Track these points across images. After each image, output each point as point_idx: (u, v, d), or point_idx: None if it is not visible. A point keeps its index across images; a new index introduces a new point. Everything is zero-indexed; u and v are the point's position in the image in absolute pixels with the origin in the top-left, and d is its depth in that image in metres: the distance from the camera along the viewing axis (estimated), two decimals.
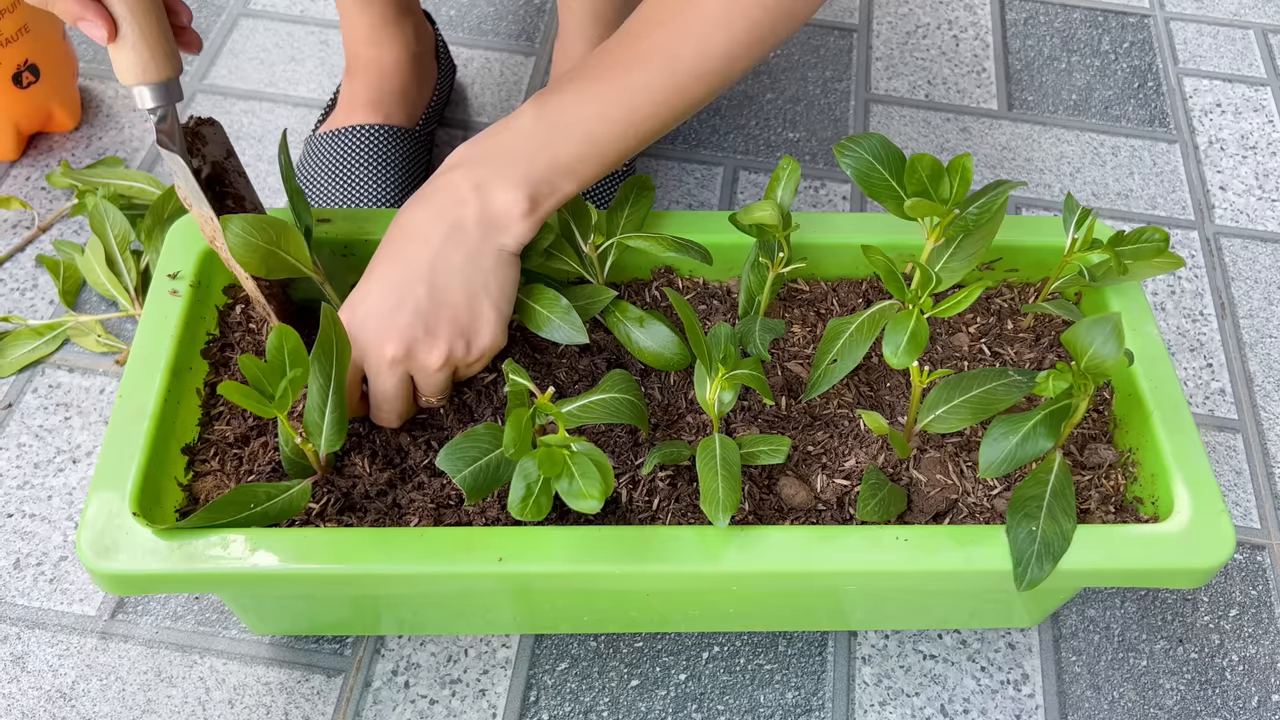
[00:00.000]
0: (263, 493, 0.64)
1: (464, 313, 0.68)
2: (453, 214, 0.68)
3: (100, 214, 0.94)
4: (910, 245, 0.80)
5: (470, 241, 0.68)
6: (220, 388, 0.60)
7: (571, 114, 0.69)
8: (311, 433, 0.66)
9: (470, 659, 0.77)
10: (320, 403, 0.66)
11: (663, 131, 0.71)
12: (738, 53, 0.69)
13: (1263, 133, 1.18)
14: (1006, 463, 0.65)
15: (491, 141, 0.70)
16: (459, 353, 0.68)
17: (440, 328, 0.67)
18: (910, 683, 0.78)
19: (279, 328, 0.61)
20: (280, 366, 0.61)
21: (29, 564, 0.80)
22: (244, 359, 0.60)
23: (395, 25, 1.00)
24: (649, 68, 0.69)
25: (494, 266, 0.68)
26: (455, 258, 0.67)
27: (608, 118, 0.69)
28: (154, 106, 0.65)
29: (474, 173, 0.68)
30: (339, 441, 0.66)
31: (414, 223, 0.68)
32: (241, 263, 0.68)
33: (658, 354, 0.74)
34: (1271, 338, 1.01)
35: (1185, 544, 0.66)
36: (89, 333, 0.91)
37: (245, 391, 0.60)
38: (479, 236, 0.68)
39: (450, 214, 0.68)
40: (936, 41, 1.26)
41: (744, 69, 0.71)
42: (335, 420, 0.66)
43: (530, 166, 0.68)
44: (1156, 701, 0.79)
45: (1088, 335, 0.64)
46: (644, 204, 0.78)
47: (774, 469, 0.72)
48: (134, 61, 0.64)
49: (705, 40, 0.68)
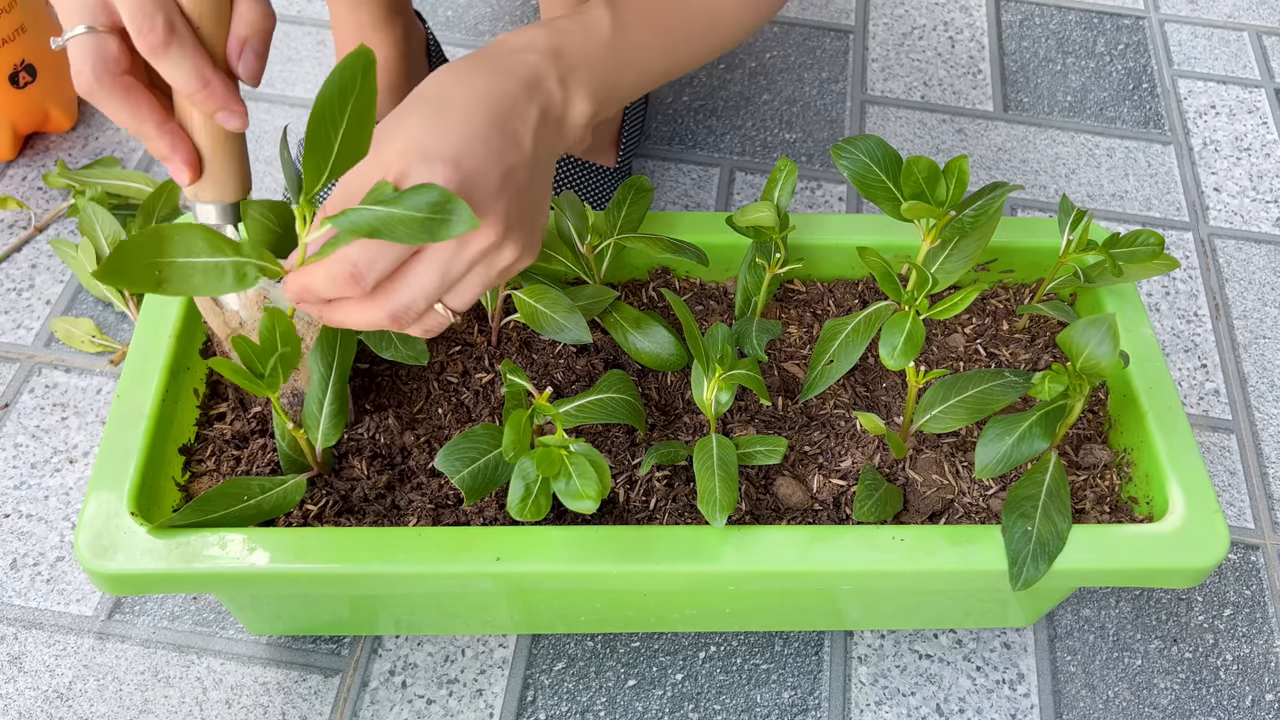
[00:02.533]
0: (256, 486, 0.64)
1: (540, 211, 0.61)
2: (542, 100, 0.60)
3: (89, 216, 0.94)
4: (906, 246, 0.80)
5: (551, 136, 0.61)
6: (211, 362, 0.58)
7: (640, 39, 0.67)
8: (309, 425, 0.66)
9: (467, 659, 0.77)
10: (320, 394, 0.66)
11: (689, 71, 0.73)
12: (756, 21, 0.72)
13: (1257, 134, 1.19)
14: (1002, 463, 0.65)
15: (573, 38, 0.63)
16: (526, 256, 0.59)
17: (524, 221, 0.58)
18: (906, 682, 0.79)
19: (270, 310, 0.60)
20: (273, 348, 0.60)
21: (26, 564, 0.80)
22: (236, 339, 0.59)
23: (385, 25, 1.00)
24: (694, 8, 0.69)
25: (553, 168, 0.63)
26: (546, 150, 0.61)
27: (663, 50, 0.68)
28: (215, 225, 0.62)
29: (560, 65, 0.62)
30: (336, 435, 0.65)
31: (505, 89, 0.58)
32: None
33: (654, 355, 0.75)
34: (1265, 338, 1.01)
35: (1180, 544, 0.66)
36: (82, 334, 0.91)
37: (235, 368, 0.59)
38: (555, 134, 0.62)
39: (539, 99, 0.60)
40: (932, 43, 1.26)
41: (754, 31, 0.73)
42: (334, 412, 0.66)
43: (603, 81, 0.64)
44: (1151, 701, 0.79)
45: (1083, 336, 0.64)
46: (641, 205, 0.78)
47: (771, 469, 0.72)
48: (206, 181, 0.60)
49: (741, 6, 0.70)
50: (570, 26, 0.64)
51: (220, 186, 0.61)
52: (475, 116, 0.56)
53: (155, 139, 0.58)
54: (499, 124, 0.57)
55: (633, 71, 0.66)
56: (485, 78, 0.59)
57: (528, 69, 0.60)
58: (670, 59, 0.69)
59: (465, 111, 0.56)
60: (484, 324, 0.78)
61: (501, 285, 0.63)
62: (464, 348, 0.77)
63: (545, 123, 0.60)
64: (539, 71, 0.60)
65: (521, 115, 0.58)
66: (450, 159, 0.54)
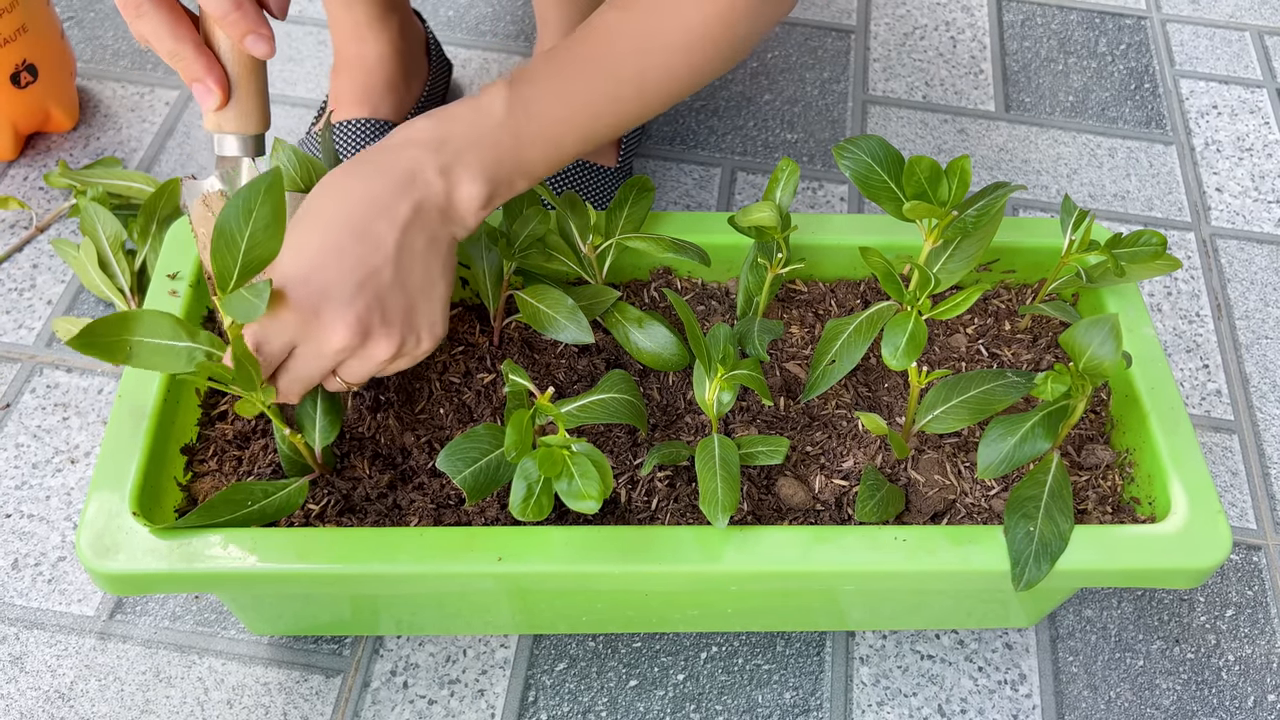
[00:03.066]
0: (259, 490, 0.64)
1: (421, 301, 0.64)
2: (418, 194, 0.63)
3: (90, 216, 0.94)
4: (908, 247, 0.80)
5: (432, 227, 0.64)
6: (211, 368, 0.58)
7: (542, 112, 0.67)
8: (304, 426, 0.66)
9: (469, 659, 0.77)
10: (311, 395, 0.66)
11: (612, 139, 0.72)
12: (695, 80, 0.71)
13: (1259, 134, 1.19)
14: (1005, 463, 0.65)
15: (460, 124, 0.65)
16: (409, 345, 0.64)
17: (396, 317, 0.62)
18: (908, 683, 0.78)
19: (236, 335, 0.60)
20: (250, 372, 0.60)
21: (27, 564, 0.80)
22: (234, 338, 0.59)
23: (380, 22, 1.00)
24: (618, 81, 0.69)
25: (448, 253, 0.65)
26: (419, 241, 0.63)
27: (574, 124, 0.68)
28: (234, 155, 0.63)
29: (441, 155, 0.64)
30: (333, 432, 0.66)
31: (371, 193, 0.62)
32: None
33: (656, 355, 0.74)
34: (1267, 339, 1.01)
35: (1182, 544, 0.66)
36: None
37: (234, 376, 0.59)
38: (439, 223, 0.64)
39: (415, 194, 0.63)
40: (934, 43, 1.26)
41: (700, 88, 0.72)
42: (327, 410, 0.66)
43: (497, 161, 0.65)
44: (1153, 701, 0.79)
45: (1086, 336, 0.64)
46: (643, 205, 0.78)
47: (772, 469, 0.72)
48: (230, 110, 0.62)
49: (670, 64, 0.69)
50: (459, 112, 0.66)
51: (244, 117, 0.63)
52: (334, 229, 0.61)
53: (192, 60, 0.60)
54: (358, 232, 0.61)
55: (540, 146, 0.67)
56: (360, 183, 0.63)
57: (403, 166, 0.63)
58: (591, 129, 0.68)
59: (328, 225, 0.61)
60: (485, 324, 0.78)
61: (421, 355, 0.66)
62: (466, 348, 0.77)
63: (420, 215, 0.63)
64: (415, 165, 0.63)
65: (389, 215, 0.62)
66: (301, 278, 0.60)
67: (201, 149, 1.08)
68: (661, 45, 0.69)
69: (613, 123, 0.69)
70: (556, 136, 0.67)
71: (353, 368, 0.64)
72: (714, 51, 0.69)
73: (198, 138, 1.09)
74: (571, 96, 0.68)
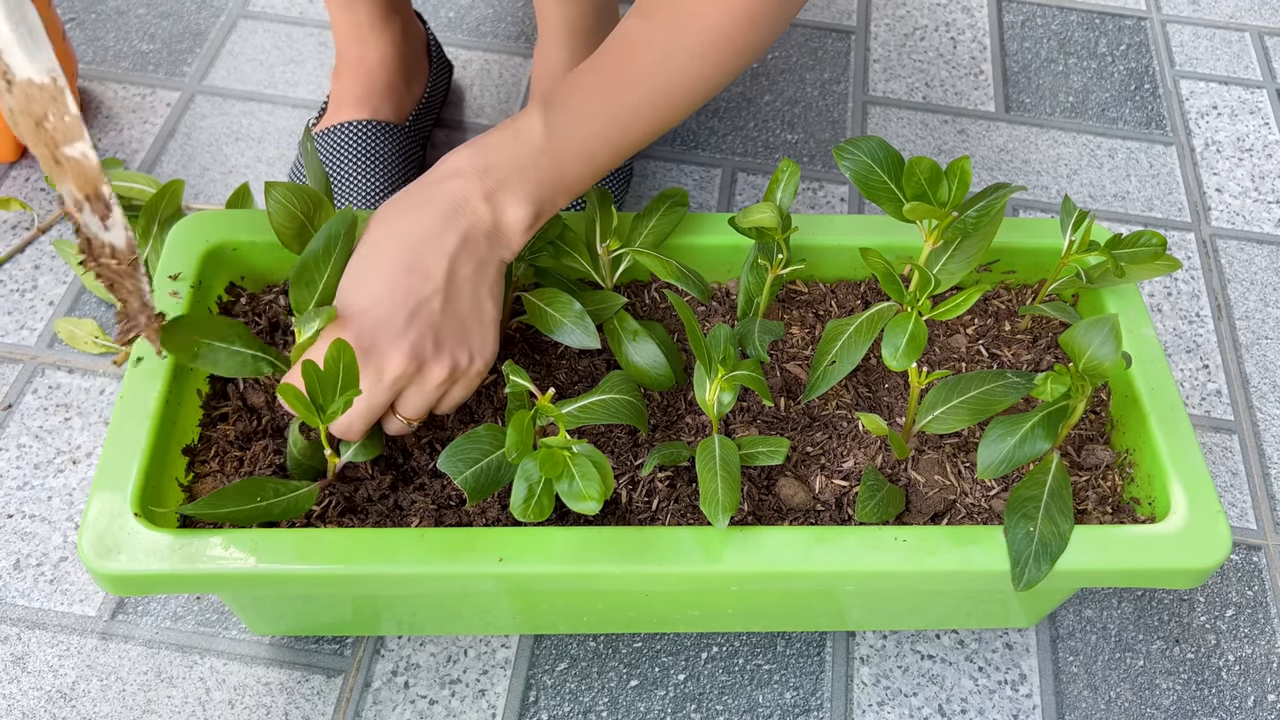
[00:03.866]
0: (270, 488, 0.65)
1: (472, 324, 0.66)
2: (464, 223, 0.66)
3: None
4: (908, 247, 0.80)
5: (480, 252, 0.66)
6: (279, 389, 0.60)
7: (578, 131, 0.69)
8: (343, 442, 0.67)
9: (470, 659, 0.78)
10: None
11: (643, 147, 0.74)
12: (719, 80, 0.71)
13: (1259, 135, 1.19)
14: (1005, 464, 0.65)
15: (502, 151, 0.68)
16: (462, 367, 0.66)
17: (448, 341, 0.65)
18: (908, 683, 0.79)
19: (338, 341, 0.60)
20: (335, 377, 0.61)
21: (29, 564, 0.80)
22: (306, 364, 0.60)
23: (382, 23, 1.00)
24: (643, 90, 0.70)
25: (497, 276, 0.68)
26: (467, 268, 0.66)
27: (607, 138, 0.70)
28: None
29: (485, 183, 0.67)
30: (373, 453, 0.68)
31: (423, 225, 0.66)
32: (279, 231, 0.68)
33: (642, 371, 0.74)
34: (1267, 339, 1.01)
35: (1182, 544, 0.66)
36: (85, 335, 0.92)
37: (298, 396, 0.60)
38: (487, 248, 0.67)
39: (462, 223, 0.66)
40: (934, 44, 1.26)
41: (722, 89, 0.73)
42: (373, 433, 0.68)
43: (539, 185, 0.68)
44: (1153, 701, 0.79)
45: (1086, 337, 0.64)
46: (672, 218, 0.78)
47: (773, 470, 0.72)
48: None
49: (694, 67, 0.70)
50: (498, 141, 0.68)
51: None
52: (386, 263, 0.64)
53: None
54: (409, 265, 0.64)
55: (578, 164, 0.69)
56: (408, 218, 0.66)
57: (449, 196, 0.66)
58: (622, 141, 0.70)
59: (380, 260, 0.65)
60: None
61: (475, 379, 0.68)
62: None
63: (469, 243, 0.66)
64: (461, 195, 0.66)
65: (438, 245, 0.65)
66: (357, 313, 0.64)
67: (203, 151, 1.08)
68: (685, 51, 0.69)
69: (644, 130, 0.71)
70: (591, 153, 0.69)
71: (411, 399, 0.66)
72: (738, 51, 0.70)
73: (199, 139, 1.09)
74: (601, 113, 0.69)
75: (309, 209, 0.69)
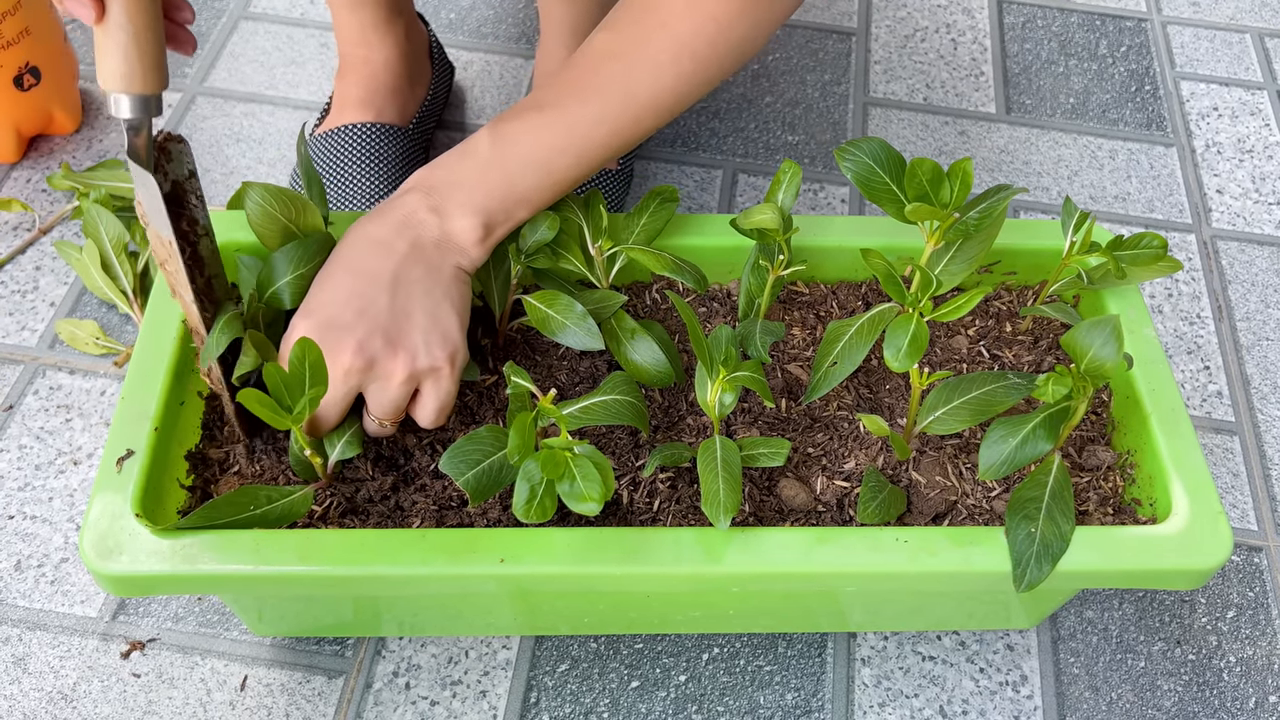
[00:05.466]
0: (263, 495, 0.65)
1: (427, 324, 0.67)
2: (412, 233, 0.68)
3: (93, 218, 0.94)
4: (909, 248, 0.80)
5: (429, 257, 0.68)
6: (239, 395, 0.60)
7: (527, 143, 0.70)
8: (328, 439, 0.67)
9: (471, 660, 0.78)
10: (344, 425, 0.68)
11: (614, 158, 0.74)
12: (686, 90, 0.72)
13: (1259, 136, 1.19)
14: (1006, 465, 0.65)
15: (449, 168, 0.71)
16: (422, 363, 0.66)
17: (402, 338, 0.66)
18: (909, 684, 0.79)
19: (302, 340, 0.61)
20: (300, 378, 0.61)
21: (30, 565, 0.80)
22: (268, 368, 0.61)
23: (385, 25, 1.00)
24: (604, 100, 0.71)
25: (452, 280, 0.69)
26: (415, 271, 0.67)
27: (563, 148, 0.71)
28: (130, 119, 0.61)
29: (430, 198, 0.69)
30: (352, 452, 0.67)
31: (372, 235, 0.68)
32: (259, 233, 0.69)
33: (643, 368, 0.74)
34: (1268, 340, 1.01)
35: (1183, 545, 0.66)
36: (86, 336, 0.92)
37: (263, 400, 0.60)
38: (437, 255, 0.69)
39: (409, 232, 0.68)
40: (935, 45, 1.26)
41: (695, 100, 0.73)
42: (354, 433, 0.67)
43: (486, 195, 0.70)
44: (1154, 703, 0.79)
45: (1087, 338, 0.64)
46: (662, 215, 0.78)
47: (774, 471, 0.72)
48: (120, 66, 0.60)
49: (657, 78, 0.70)
50: (448, 159, 0.72)
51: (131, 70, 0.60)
52: (340, 270, 0.67)
53: None
54: (358, 269, 0.67)
55: (531, 173, 0.71)
56: (365, 230, 0.69)
57: (399, 210, 0.69)
58: (585, 151, 0.71)
59: (337, 268, 0.68)
60: (489, 326, 0.78)
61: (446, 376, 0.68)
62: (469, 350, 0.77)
63: (417, 249, 0.68)
64: (409, 209, 0.69)
65: (386, 251, 0.68)
66: (311, 312, 0.66)
67: (204, 152, 1.08)
68: (650, 62, 0.70)
69: (608, 142, 0.72)
70: (545, 162, 0.71)
71: (375, 396, 0.67)
72: (706, 60, 0.71)
73: (200, 141, 1.09)
74: (556, 123, 0.71)
75: (290, 212, 0.69)
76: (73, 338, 0.92)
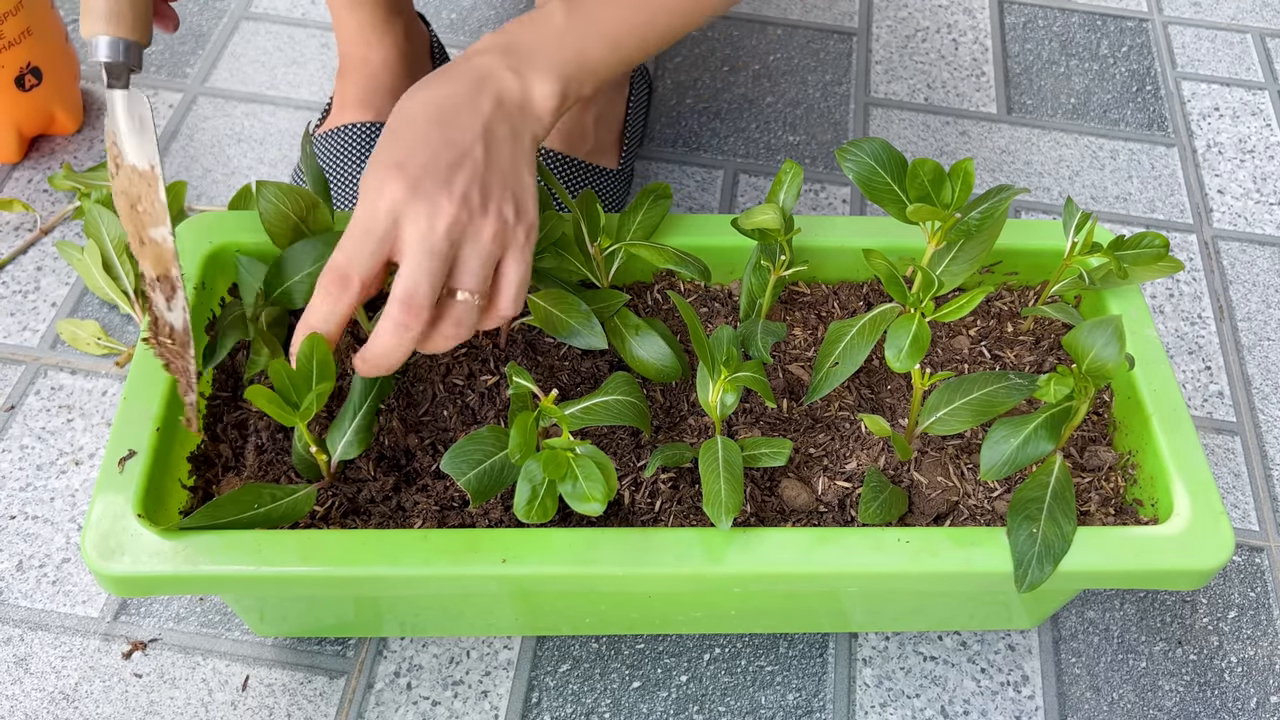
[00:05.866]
0: (267, 494, 0.65)
1: (516, 183, 0.64)
2: (495, 89, 0.65)
3: (95, 218, 0.94)
4: (911, 249, 0.80)
5: (514, 120, 0.65)
6: (247, 393, 0.60)
7: (601, 16, 0.69)
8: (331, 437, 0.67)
9: (472, 660, 0.78)
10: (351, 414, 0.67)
11: (671, 44, 0.73)
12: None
13: (1260, 136, 1.19)
14: (1007, 465, 0.65)
15: (522, 33, 0.68)
16: (510, 224, 0.63)
17: (493, 194, 0.62)
18: (911, 684, 0.79)
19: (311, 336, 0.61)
20: (308, 375, 0.61)
21: (32, 566, 0.80)
22: (274, 364, 0.61)
23: (385, 25, 1.00)
24: None
25: (530, 150, 0.66)
26: (502, 129, 0.64)
27: (633, 23, 0.70)
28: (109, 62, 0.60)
29: (509, 59, 0.66)
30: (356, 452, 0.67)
31: (452, 93, 0.64)
32: (271, 232, 0.69)
33: (649, 364, 0.74)
34: (1269, 340, 1.01)
35: (1184, 546, 0.66)
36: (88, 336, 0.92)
37: (271, 398, 0.60)
38: (520, 118, 0.66)
39: (492, 89, 0.65)
40: (936, 45, 1.26)
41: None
42: (361, 427, 0.67)
43: (563, 62, 0.67)
44: (1156, 703, 0.79)
45: (1089, 338, 0.64)
46: (657, 211, 0.78)
47: (775, 471, 0.72)
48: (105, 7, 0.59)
49: None
50: (519, 25, 0.69)
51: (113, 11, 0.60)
52: (418, 124, 0.63)
53: None
54: (441, 121, 0.62)
55: (602, 46, 0.69)
56: (434, 89, 0.65)
57: (476, 70, 0.65)
58: (651, 27, 0.71)
59: (411, 123, 0.63)
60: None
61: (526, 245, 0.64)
62: (470, 350, 0.77)
63: (502, 107, 0.65)
64: (487, 68, 0.66)
65: (471, 106, 0.63)
66: (394, 164, 0.60)
67: (205, 153, 1.08)
68: None
69: (667, 21, 0.71)
70: (615, 36, 0.70)
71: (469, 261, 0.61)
72: None
73: (201, 141, 1.09)
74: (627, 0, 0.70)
75: (302, 210, 0.69)
76: (74, 338, 0.92)
